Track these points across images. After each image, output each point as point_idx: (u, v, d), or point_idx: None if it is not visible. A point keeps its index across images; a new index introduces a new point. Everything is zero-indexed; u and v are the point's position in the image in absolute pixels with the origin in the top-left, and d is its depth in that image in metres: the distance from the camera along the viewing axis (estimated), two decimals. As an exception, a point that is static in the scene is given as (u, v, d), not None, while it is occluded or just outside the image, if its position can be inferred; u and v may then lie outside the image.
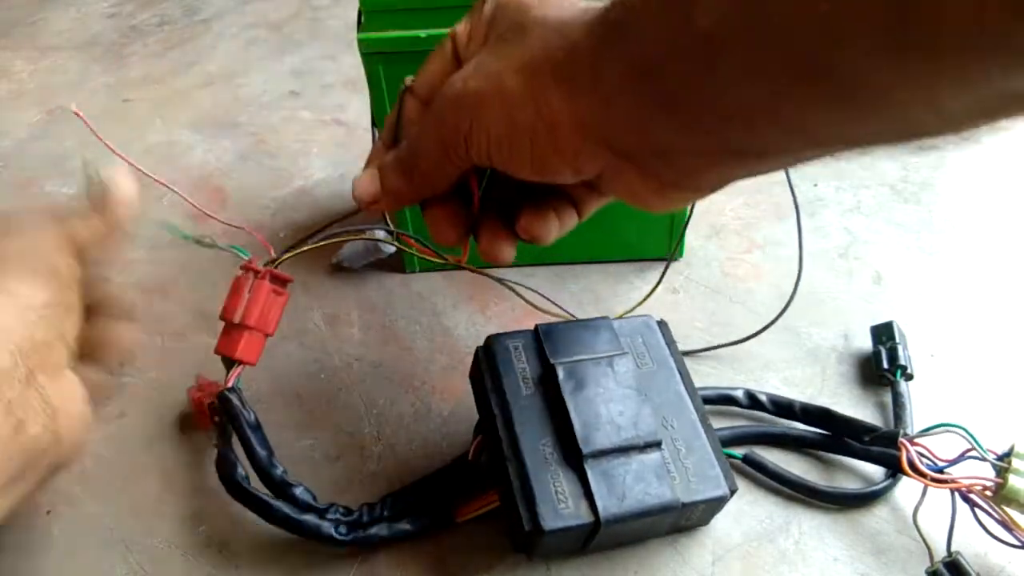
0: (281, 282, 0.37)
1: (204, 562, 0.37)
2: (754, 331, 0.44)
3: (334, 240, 0.38)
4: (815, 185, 0.58)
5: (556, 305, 0.45)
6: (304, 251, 0.37)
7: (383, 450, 0.41)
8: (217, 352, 0.36)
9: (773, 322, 0.44)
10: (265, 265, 0.36)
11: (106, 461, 0.41)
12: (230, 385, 0.35)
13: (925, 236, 0.53)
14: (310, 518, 0.34)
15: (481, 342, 0.37)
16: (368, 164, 0.34)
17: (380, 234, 0.46)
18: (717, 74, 0.21)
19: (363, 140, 0.49)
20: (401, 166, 0.31)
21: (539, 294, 0.44)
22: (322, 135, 0.67)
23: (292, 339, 0.48)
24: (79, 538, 0.38)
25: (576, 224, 0.33)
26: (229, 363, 0.36)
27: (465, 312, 0.49)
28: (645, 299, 0.46)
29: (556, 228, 0.32)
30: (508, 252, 0.33)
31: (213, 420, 0.37)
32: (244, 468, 0.35)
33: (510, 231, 0.32)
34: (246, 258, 0.36)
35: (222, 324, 0.36)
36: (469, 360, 0.37)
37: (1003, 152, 0.60)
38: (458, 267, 0.36)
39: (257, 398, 0.44)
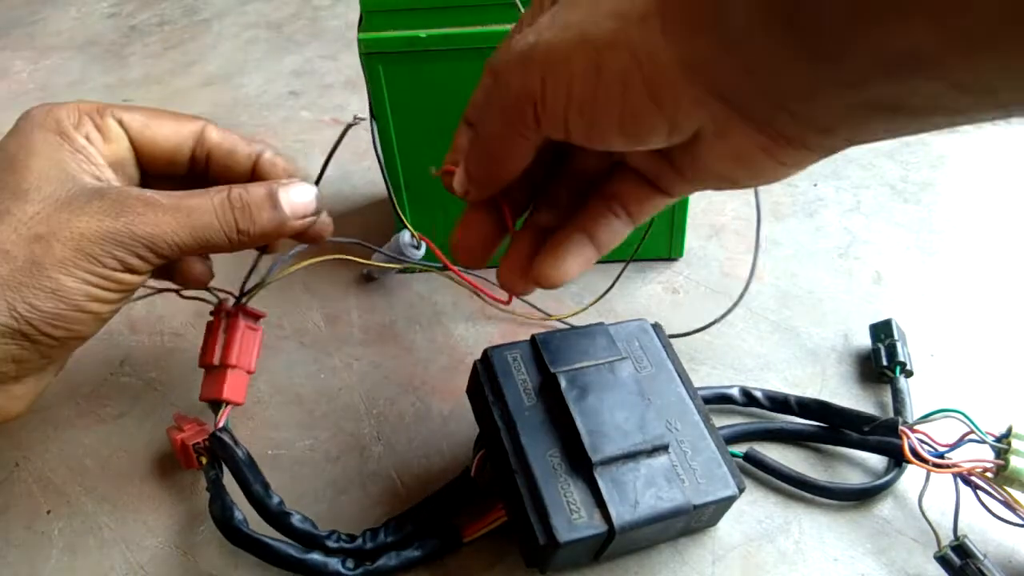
0: (254, 318, 0.37)
1: (204, 562, 0.37)
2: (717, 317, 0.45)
3: (299, 266, 0.38)
4: (815, 185, 0.58)
5: (540, 313, 0.45)
6: (270, 283, 0.37)
7: (383, 450, 0.41)
8: (203, 399, 0.36)
9: (737, 303, 0.45)
10: (235, 304, 0.36)
11: (106, 461, 0.41)
12: (220, 425, 0.35)
13: (925, 236, 0.53)
14: (315, 556, 0.33)
15: (481, 342, 0.37)
16: (452, 158, 0.30)
17: (407, 243, 0.46)
18: (884, 10, 0.16)
19: (363, 140, 0.48)
20: (473, 147, 0.27)
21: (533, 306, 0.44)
22: (322, 135, 0.67)
23: (292, 339, 0.48)
24: (79, 538, 0.38)
25: (626, 236, 0.29)
26: (216, 405, 0.36)
27: (465, 312, 0.49)
28: (605, 293, 0.46)
29: (585, 258, 0.28)
30: (523, 286, 0.29)
31: (199, 462, 0.37)
32: (241, 511, 0.34)
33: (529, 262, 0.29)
34: (214, 302, 0.36)
35: (203, 371, 0.36)
36: (469, 360, 0.37)
37: (1003, 152, 0.60)
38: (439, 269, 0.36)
39: (257, 398, 0.44)
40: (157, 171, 0.34)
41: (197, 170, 0.35)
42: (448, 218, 0.49)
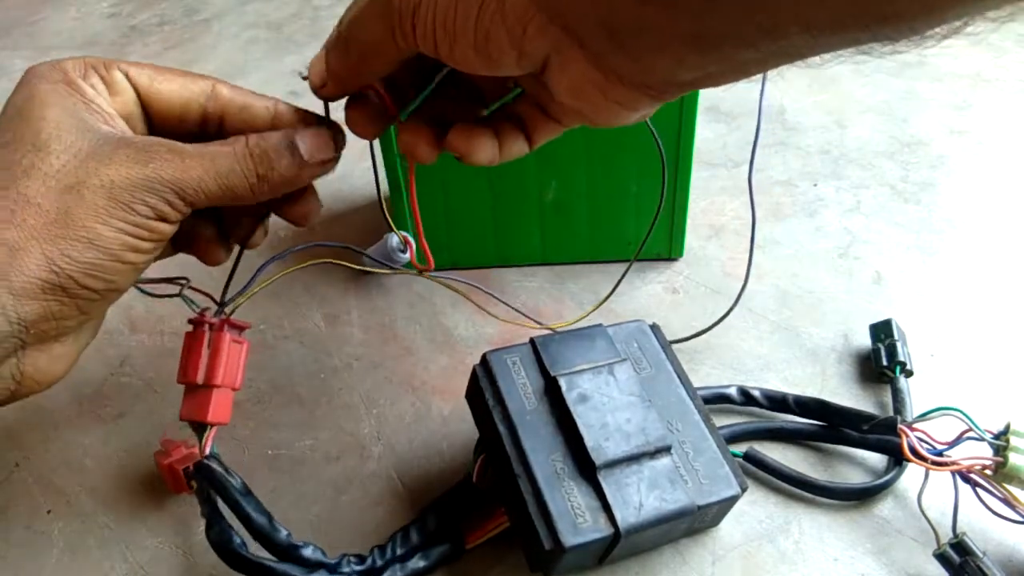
0: (238, 330, 0.34)
1: (204, 562, 0.37)
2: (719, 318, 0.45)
3: (285, 273, 0.36)
4: (815, 185, 0.58)
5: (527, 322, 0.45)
6: (254, 293, 0.35)
7: (383, 450, 0.41)
8: (184, 419, 0.33)
9: (736, 303, 0.45)
10: (217, 315, 0.34)
11: (106, 461, 0.41)
12: (207, 452, 0.33)
13: (925, 236, 0.53)
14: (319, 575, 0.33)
15: (481, 342, 0.36)
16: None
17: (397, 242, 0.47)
18: None
19: (362, 140, 0.48)
20: (340, 42, 0.29)
21: (509, 309, 0.44)
22: (322, 135, 0.67)
23: (292, 339, 0.48)
24: (79, 538, 0.38)
25: (525, 152, 0.31)
26: (200, 428, 0.33)
27: (465, 312, 0.49)
28: (605, 299, 0.46)
29: (490, 148, 0.30)
30: (426, 152, 0.31)
31: (190, 486, 0.35)
32: (239, 535, 0.32)
33: (436, 137, 0.31)
34: (196, 311, 0.34)
35: (183, 388, 0.33)
36: (469, 360, 0.37)
37: (1003, 152, 0.60)
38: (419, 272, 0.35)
39: (257, 398, 0.44)
40: (167, 128, 0.33)
41: (210, 128, 0.34)
42: (451, 218, 0.49)
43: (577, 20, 0.23)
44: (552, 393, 0.35)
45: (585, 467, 0.32)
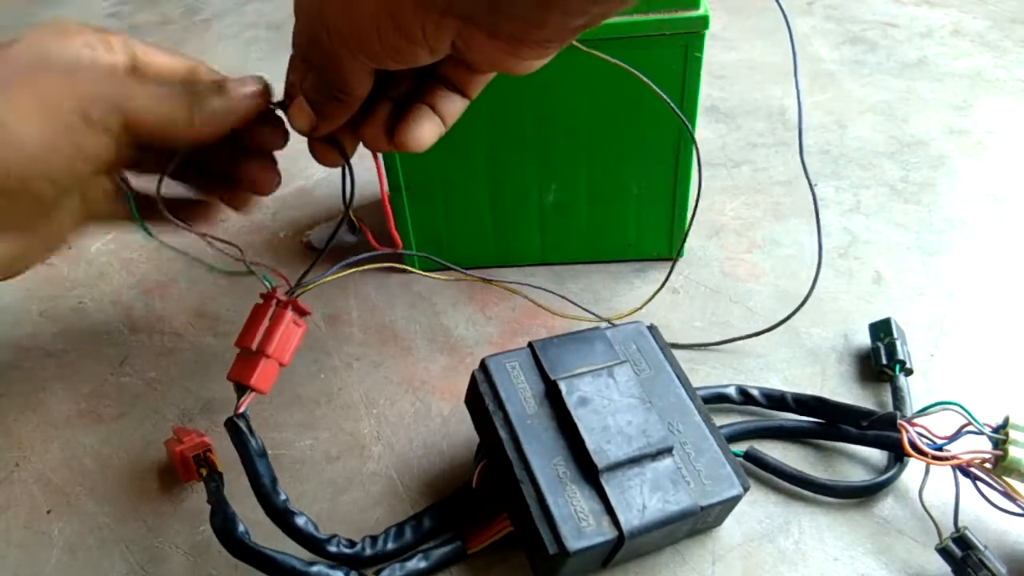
0: (301, 313, 0.36)
1: (204, 562, 0.37)
2: (760, 329, 0.45)
3: (353, 270, 0.39)
4: (815, 185, 0.58)
5: (563, 301, 0.45)
6: (323, 282, 0.37)
7: (383, 450, 0.41)
8: (230, 378, 0.35)
9: (781, 323, 0.44)
10: (287, 294, 0.36)
11: (106, 461, 0.41)
12: (240, 412, 0.34)
13: (925, 236, 0.53)
14: (319, 569, 0.33)
15: (481, 342, 0.36)
16: (289, 93, 0.34)
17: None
18: None
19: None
20: (318, 86, 0.31)
21: (526, 296, 0.44)
22: (322, 135, 0.67)
23: (292, 339, 0.48)
24: (79, 538, 0.38)
25: (465, 107, 0.33)
26: (241, 390, 0.35)
27: (465, 312, 0.49)
28: (647, 302, 0.46)
29: (434, 127, 0.32)
30: (387, 146, 0.33)
31: (199, 474, 0.36)
32: (244, 523, 0.33)
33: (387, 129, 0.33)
34: (269, 286, 0.36)
35: (237, 351, 0.35)
36: (469, 360, 0.37)
37: (1003, 152, 0.60)
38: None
39: (257, 398, 0.44)
40: None
41: None
42: (451, 218, 0.49)
43: (462, 5, 0.25)
44: (552, 397, 0.34)
45: (587, 470, 0.32)
